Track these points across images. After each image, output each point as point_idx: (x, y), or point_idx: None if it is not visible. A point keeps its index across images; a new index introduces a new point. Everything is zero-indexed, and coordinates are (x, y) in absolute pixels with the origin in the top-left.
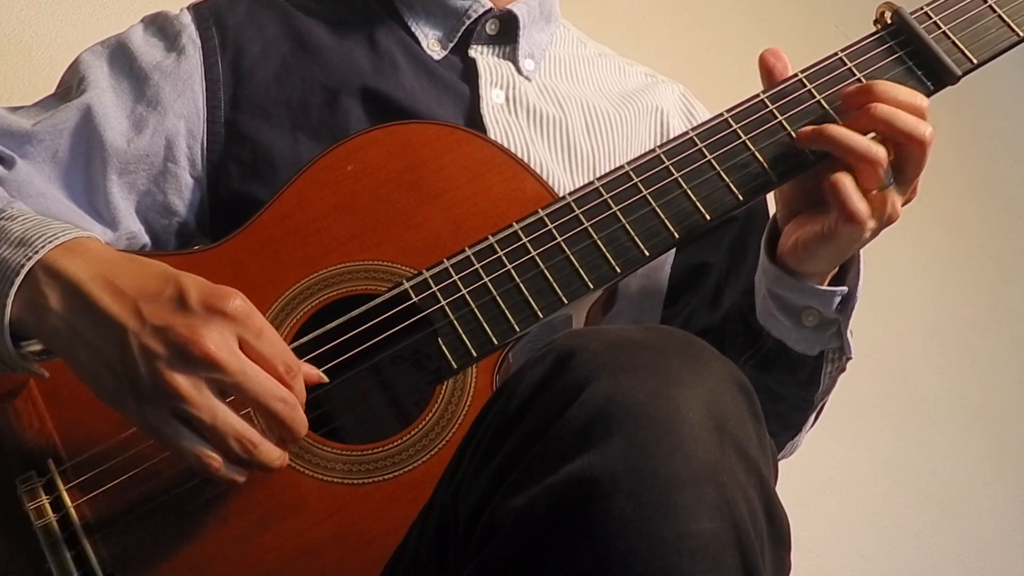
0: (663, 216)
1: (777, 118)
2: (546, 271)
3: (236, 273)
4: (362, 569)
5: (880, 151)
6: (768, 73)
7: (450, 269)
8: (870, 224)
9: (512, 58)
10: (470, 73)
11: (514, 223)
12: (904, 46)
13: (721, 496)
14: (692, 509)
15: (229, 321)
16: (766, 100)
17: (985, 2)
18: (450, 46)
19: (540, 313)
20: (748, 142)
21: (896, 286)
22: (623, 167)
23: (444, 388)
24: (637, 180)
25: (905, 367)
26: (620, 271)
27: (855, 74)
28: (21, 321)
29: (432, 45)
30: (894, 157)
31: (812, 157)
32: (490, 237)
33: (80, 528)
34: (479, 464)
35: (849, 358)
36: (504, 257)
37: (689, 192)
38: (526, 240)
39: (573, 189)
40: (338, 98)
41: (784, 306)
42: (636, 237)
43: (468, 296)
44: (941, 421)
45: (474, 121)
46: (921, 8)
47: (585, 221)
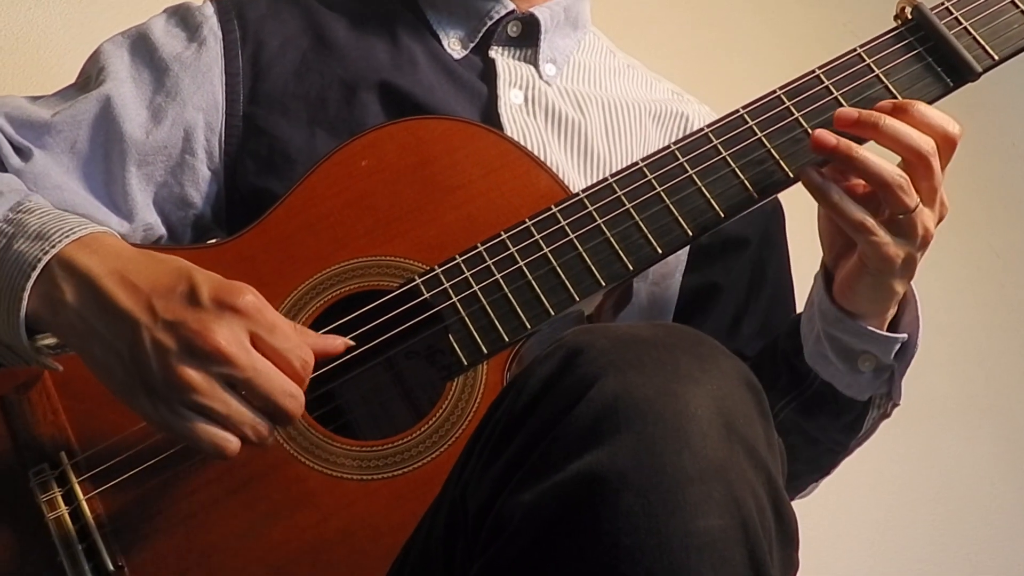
0: (676, 213)
1: (794, 115)
2: (558, 268)
3: (249, 268)
4: (370, 565)
5: (903, 176)
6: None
7: (462, 265)
8: (900, 249)
9: (533, 61)
10: (489, 73)
11: (527, 219)
12: (924, 42)
13: (729, 493)
14: (700, 506)
15: (240, 316)
16: (783, 96)
17: None
18: (471, 46)
19: (552, 310)
20: (764, 139)
21: None
22: (637, 163)
23: (455, 385)
24: (651, 177)
25: (913, 366)
26: (633, 268)
27: (874, 70)
28: (36, 315)
29: (452, 44)
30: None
31: None
32: (502, 233)
33: (92, 521)
34: (488, 460)
35: (896, 404)
36: (516, 253)
37: (703, 189)
38: (538, 236)
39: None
40: (356, 92)
41: (840, 349)
42: (649, 234)
43: (479, 292)
44: (949, 420)
45: (491, 120)
46: (942, 3)
47: (598, 218)
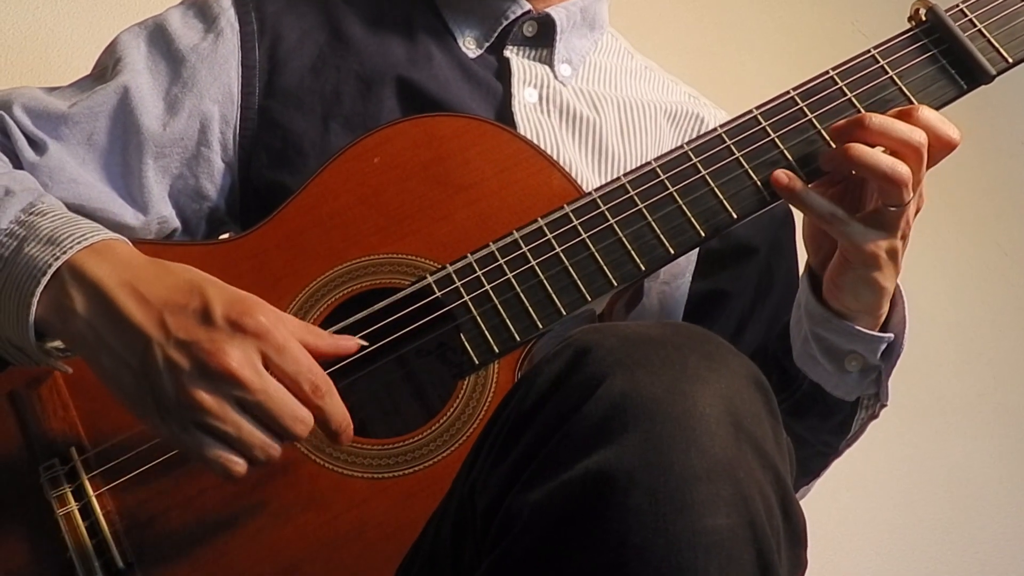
0: (689, 214)
1: (807, 116)
2: (570, 267)
3: (261, 264)
4: (380, 563)
5: (903, 169)
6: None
7: (474, 264)
8: (881, 242)
9: (548, 61)
10: (504, 72)
11: (539, 218)
12: (938, 44)
13: (737, 492)
14: (708, 505)
15: (252, 337)
16: (796, 98)
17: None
18: (486, 45)
19: (563, 310)
20: (777, 140)
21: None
22: (650, 163)
23: (466, 383)
24: (664, 177)
25: (921, 365)
26: (645, 269)
27: (888, 72)
28: (45, 321)
29: (468, 43)
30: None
31: None
32: (515, 232)
33: (102, 517)
34: (496, 458)
35: (884, 405)
36: (528, 253)
37: (716, 190)
38: (551, 236)
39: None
40: (371, 87)
41: (827, 349)
42: (662, 235)
43: (491, 292)
44: (957, 419)
45: (505, 118)
46: (956, 5)
47: (611, 217)
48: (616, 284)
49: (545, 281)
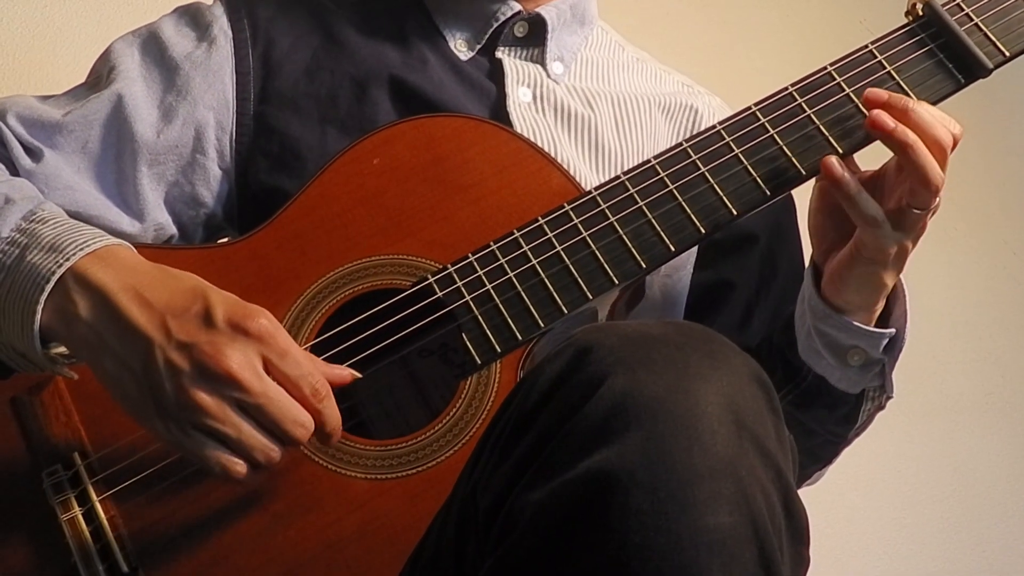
0: (689, 211)
1: (806, 112)
2: (571, 266)
3: (262, 267)
4: (384, 564)
5: (942, 177)
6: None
7: (475, 263)
8: (896, 241)
9: (540, 60)
10: (497, 73)
11: (539, 217)
12: (935, 38)
13: (739, 490)
14: (710, 503)
15: (254, 341)
16: (794, 94)
17: None
18: (477, 47)
19: (565, 309)
20: (776, 136)
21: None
22: (649, 161)
23: (468, 383)
24: (663, 174)
25: (929, 364)
26: (645, 266)
27: (885, 67)
28: (49, 327)
29: (459, 46)
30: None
31: (842, 150)
32: (515, 231)
33: (106, 522)
34: (498, 458)
35: (889, 397)
36: (529, 252)
37: (716, 186)
38: (551, 234)
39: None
40: (366, 90)
41: (829, 344)
42: (662, 232)
43: (492, 291)
44: (965, 418)
45: (500, 118)
46: (953, 0)
47: (611, 215)
48: (617, 282)
49: (546, 280)
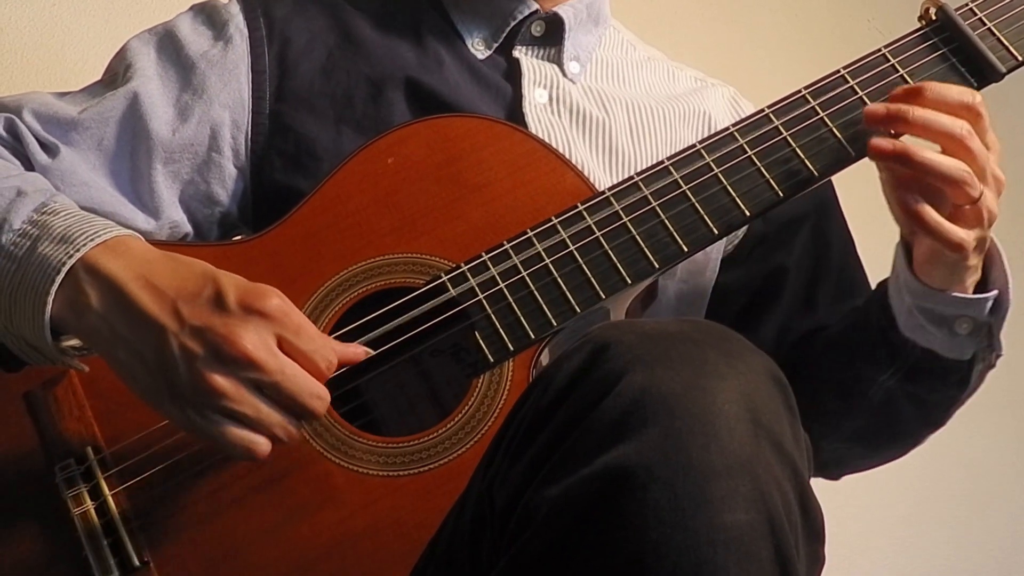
0: (702, 212)
1: (819, 114)
2: (584, 265)
3: (275, 265)
4: (396, 561)
5: (965, 170)
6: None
7: (488, 262)
8: (970, 236)
9: (557, 60)
10: (513, 73)
11: (553, 217)
12: (948, 43)
13: (756, 488)
14: (726, 501)
15: (267, 320)
16: (808, 96)
17: None
18: (495, 46)
19: (577, 308)
20: (789, 138)
21: None
22: (663, 162)
23: (480, 382)
24: (677, 176)
25: None
26: (658, 266)
27: (898, 70)
28: (60, 318)
29: (476, 44)
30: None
31: (854, 154)
32: (529, 231)
33: (117, 516)
34: (514, 455)
35: (999, 355)
36: (542, 251)
37: (729, 188)
38: (564, 234)
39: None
40: (382, 90)
41: (934, 318)
42: (675, 232)
43: (506, 290)
44: (974, 416)
45: (516, 119)
46: (966, 4)
47: (624, 216)
48: (630, 281)
49: (559, 279)
